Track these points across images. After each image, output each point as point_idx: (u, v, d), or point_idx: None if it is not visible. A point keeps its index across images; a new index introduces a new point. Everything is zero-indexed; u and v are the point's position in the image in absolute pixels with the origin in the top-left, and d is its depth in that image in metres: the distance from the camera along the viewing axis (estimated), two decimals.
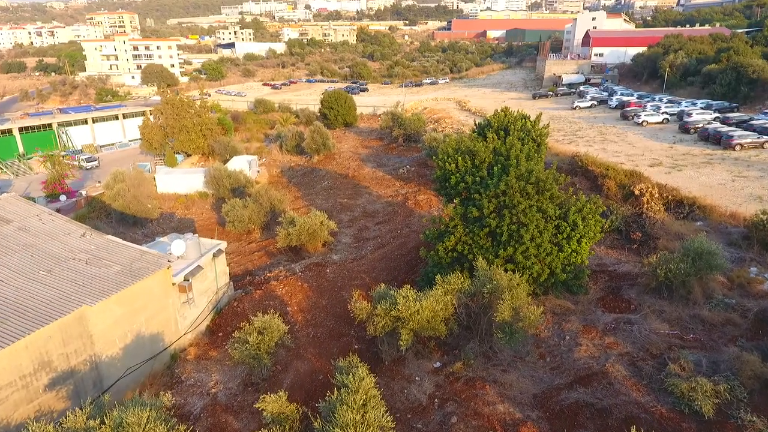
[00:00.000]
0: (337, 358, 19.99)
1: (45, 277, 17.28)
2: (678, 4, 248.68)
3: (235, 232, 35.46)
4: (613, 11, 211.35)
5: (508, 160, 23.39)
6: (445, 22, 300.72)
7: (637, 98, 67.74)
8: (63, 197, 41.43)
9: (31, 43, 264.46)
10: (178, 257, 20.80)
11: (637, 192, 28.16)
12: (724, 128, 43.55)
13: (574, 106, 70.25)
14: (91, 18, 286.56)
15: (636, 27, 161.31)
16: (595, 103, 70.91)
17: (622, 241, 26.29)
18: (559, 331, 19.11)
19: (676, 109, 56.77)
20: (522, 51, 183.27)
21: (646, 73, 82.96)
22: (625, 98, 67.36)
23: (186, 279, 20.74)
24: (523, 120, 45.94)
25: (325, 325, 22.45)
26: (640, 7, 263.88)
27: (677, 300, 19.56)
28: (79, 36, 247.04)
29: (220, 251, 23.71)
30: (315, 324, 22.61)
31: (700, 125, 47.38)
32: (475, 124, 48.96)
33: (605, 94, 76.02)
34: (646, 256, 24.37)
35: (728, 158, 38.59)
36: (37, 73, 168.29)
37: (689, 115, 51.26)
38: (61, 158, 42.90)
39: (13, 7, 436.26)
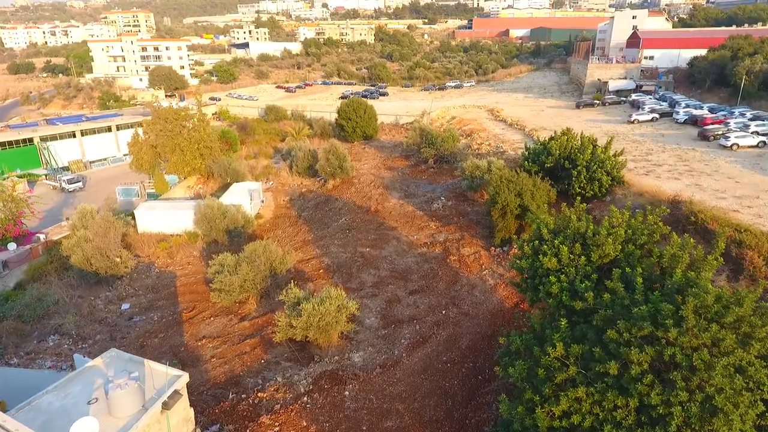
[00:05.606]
0: None
1: None
2: (708, 1, 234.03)
3: (222, 305, 26.66)
4: (639, 9, 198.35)
5: (650, 257, 14.02)
6: (466, 21, 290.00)
7: (709, 111, 57.39)
8: (12, 245, 32.66)
9: (45, 42, 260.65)
10: None
11: None
12: None
13: (632, 119, 59.97)
14: (105, 17, 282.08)
15: (673, 26, 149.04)
16: (657, 116, 60.47)
17: None
18: None
19: None
20: (550, 51, 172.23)
21: (709, 80, 72.13)
22: (695, 111, 57.03)
23: None
24: (592, 147, 36.31)
25: None
26: (666, 5, 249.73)
27: None
28: (93, 35, 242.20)
29: (176, 394, 14.79)
30: None
31: None
32: (527, 150, 39.27)
33: (665, 104, 65.58)
34: None
35: None
36: (44, 75, 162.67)
37: None
38: (13, 190, 34.02)
39: (34, 6, 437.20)
